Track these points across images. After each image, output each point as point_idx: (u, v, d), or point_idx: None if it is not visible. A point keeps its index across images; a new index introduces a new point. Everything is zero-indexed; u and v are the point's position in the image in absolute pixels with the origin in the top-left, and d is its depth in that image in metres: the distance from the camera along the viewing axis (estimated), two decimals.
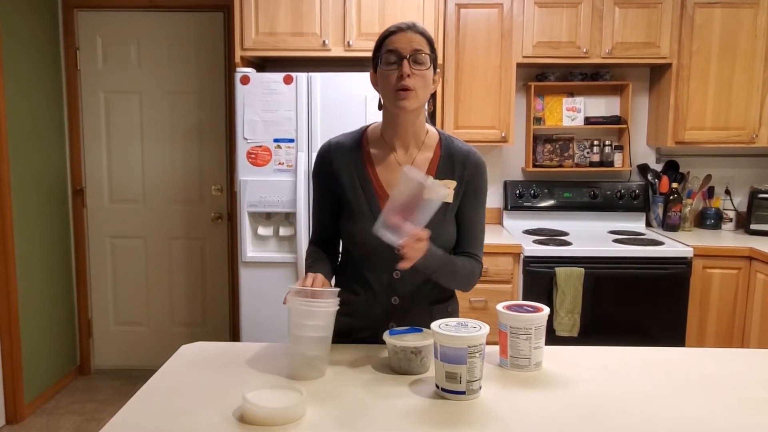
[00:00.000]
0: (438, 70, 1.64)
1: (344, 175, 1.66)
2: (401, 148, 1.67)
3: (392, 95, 1.57)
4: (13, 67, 3.32)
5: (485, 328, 1.37)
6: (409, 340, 1.47)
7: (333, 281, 1.74)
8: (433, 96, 3.45)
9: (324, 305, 1.43)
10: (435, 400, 1.33)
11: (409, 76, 1.53)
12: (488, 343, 1.41)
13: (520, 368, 1.50)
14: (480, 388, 1.36)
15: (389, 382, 1.43)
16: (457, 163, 1.67)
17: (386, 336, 1.49)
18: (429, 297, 1.69)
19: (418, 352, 1.45)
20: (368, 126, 1.74)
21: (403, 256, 1.44)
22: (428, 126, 1.71)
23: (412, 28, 1.58)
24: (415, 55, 1.55)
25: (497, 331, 1.53)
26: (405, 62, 1.54)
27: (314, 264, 1.67)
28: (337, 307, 1.46)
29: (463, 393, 1.33)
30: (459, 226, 1.69)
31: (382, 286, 1.66)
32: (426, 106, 1.68)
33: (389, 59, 1.56)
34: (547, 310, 1.52)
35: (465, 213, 1.68)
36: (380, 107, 1.66)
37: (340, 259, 1.78)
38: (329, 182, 1.69)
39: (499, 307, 1.54)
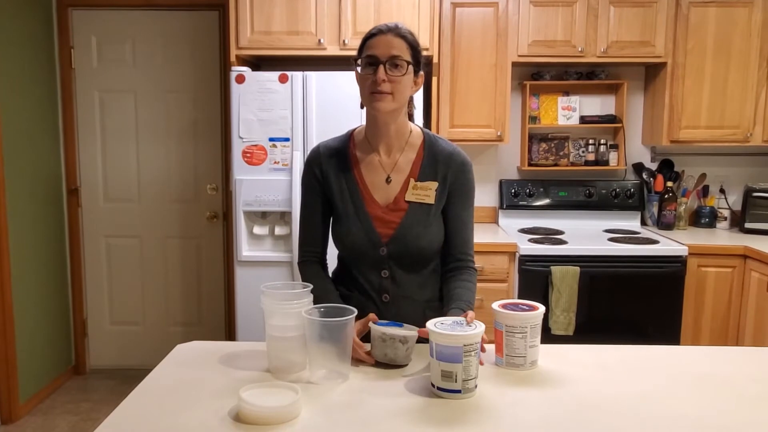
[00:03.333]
0: (421, 72, 1.65)
1: (333, 178, 1.69)
2: (384, 149, 1.69)
3: (367, 98, 1.60)
4: (7, 66, 3.30)
5: (481, 327, 1.38)
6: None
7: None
8: (426, 94, 3.45)
9: (296, 305, 1.44)
10: (430, 399, 1.33)
11: (384, 81, 1.55)
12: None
13: (516, 367, 1.50)
14: (476, 386, 1.37)
15: (384, 381, 1.43)
16: (440, 164, 1.68)
17: (372, 324, 1.51)
18: (420, 295, 1.71)
19: (405, 342, 1.48)
20: (355, 129, 1.75)
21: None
22: (413, 126, 1.72)
23: (393, 30, 1.58)
24: (392, 60, 1.56)
25: (493, 330, 1.54)
26: (381, 68, 1.56)
27: (322, 293, 1.66)
28: (311, 305, 1.46)
29: (459, 392, 1.33)
30: (448, 227, 1.71)
31: (371, 285, 1.69)
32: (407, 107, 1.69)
33: (367, 63, 1.58)
34: (542, 308, 1.53)
35: (453, 214, 1.70)
36: (362, 106, 1.68)
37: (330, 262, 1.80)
38: (320, 185, 1.70)
39: (495, 305, 1.54)
